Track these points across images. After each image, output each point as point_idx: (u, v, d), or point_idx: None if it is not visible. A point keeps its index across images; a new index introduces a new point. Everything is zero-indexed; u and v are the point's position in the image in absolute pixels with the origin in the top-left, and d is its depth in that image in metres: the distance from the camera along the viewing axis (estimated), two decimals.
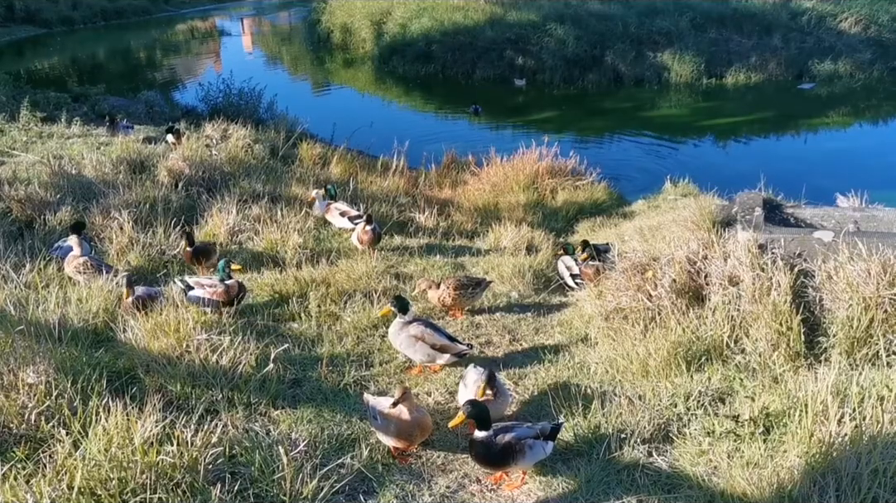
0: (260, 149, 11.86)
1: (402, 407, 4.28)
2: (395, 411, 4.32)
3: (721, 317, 5.43)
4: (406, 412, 4.28)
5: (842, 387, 4.31)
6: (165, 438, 4.04)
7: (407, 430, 4.30)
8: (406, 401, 4.29)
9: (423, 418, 4.38)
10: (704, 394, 4.79)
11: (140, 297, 5.88)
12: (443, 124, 19.59)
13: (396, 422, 4.30)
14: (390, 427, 4.31)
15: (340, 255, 7.67)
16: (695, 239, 6.31)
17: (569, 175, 12.08)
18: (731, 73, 21.36)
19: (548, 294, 7.21)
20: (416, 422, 4.31)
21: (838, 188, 8.48)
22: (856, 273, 5.30)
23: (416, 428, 4.32)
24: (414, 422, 4.30)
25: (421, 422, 4.34)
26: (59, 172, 9.35)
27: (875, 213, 6.96)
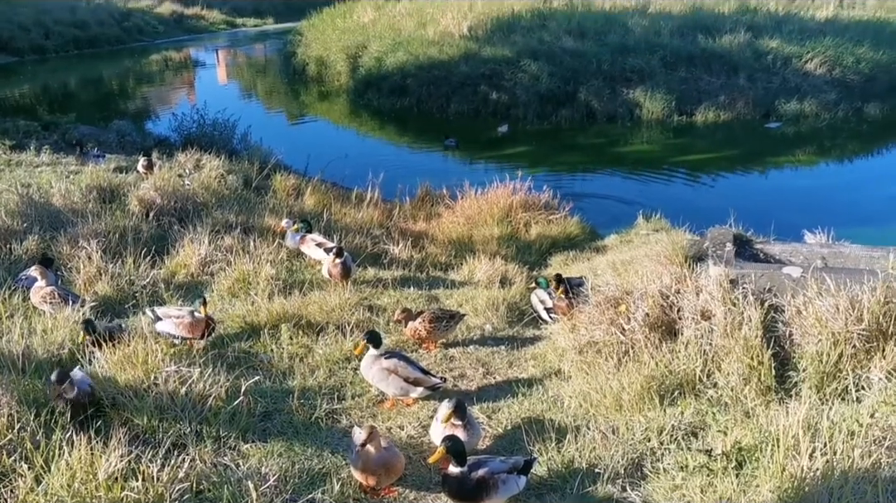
0: (233, 179, 11.79)
1: (370, 445, 4.22)
2: (365, 448, 4.25)
3: (694, 352, 5.46)
4: (373, 450, 4.22)
5: (812, 422, 4.33)
6: (130, 473, 3.95)
7: (372, 469, 4.24)
8: (373, 441, 4.22)
9: (391, 458, 4.30)
10: (677, 429, 4.80)
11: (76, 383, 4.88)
12: (417, 157, 19.63)
13: (364, 459, 4.24)
14: (358, 463, 4.25)
15: (313, 287, 7.61)
16: (667, 273, 6.35)
17: (542, 209, 12.13)
18: (700, 111, 21.69)
19: (521, 327, 7.21)
20: (382, 461, 4.24)
21: (805, 224, 8.60)
22: (824, 308, 5.36)
23: (382, 468, 4.25)
24: (379, 461, 4.23)
25: (387, 462, 4.27)
26: (26, 201, 9.20)
27: (842, 249, 7.06)
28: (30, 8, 36.96)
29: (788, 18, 27.14)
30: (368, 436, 4.19)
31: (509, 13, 27.26)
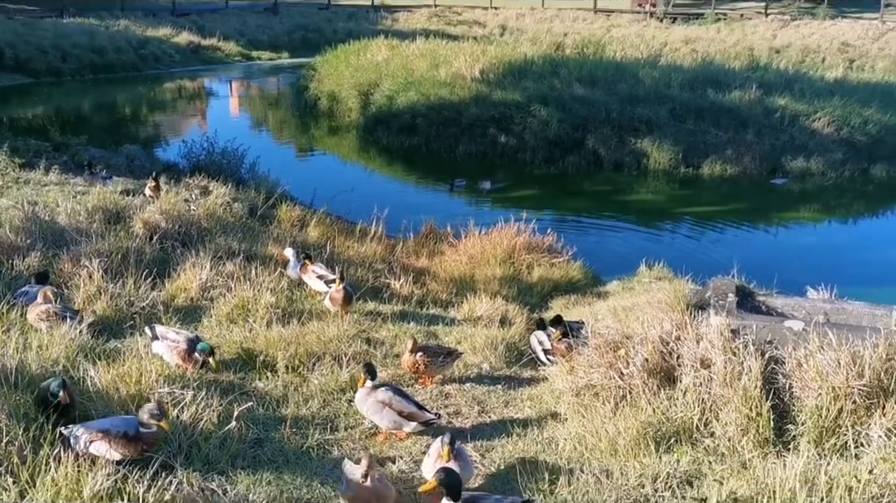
0: (239, 207, 11.85)
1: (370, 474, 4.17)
2: (357, 478, 4.20)
3: (692, 399, 5.41)
4: (370, 480, 4.17)
5: (810, 476, 4.27)
6: (116, 493, 3.90)
7: (365, 498, 4.18)
8: (372, 471, 4.18)
9: (384, 489, 4.26)
10: (673, 476, 4.73)
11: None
12: (423, 196, 19.73)
13: (356, 488, 4.18)
14: (349, 493, 4.20)
15: (312, 317, 7.58)
16: (668, 320, 6.32)
17: (545, 252, 12.15)
18: (707, 163, 21.79)
19: (519, 367, 7.16)
20: (376, 491, 4.20)
21: (808, 281, 8.59)
22: (826, 362, 5.32)
23: (375, 497, 4.20)
24: (374, 490, 4.18)
25: (380, 493, 4.22)
26: (31, 218, 9.23)
27: (844, 306, 7.04)
28: (49, 31, 37.46)
29: (798, 77, 27.40)
30: (369, 465, 4.15)
31: (522, 59, 27.56)
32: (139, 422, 4.39)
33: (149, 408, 4.41)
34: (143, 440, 4.38)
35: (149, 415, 4.37)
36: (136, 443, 4.35)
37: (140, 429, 4.38)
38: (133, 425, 4.39)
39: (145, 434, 4.38)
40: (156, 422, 4.38)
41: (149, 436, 4.40)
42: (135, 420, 4.42)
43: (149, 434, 4.39)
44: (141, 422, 4.38)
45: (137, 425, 4.38)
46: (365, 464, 4.18)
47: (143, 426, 4.38)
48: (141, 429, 4.38)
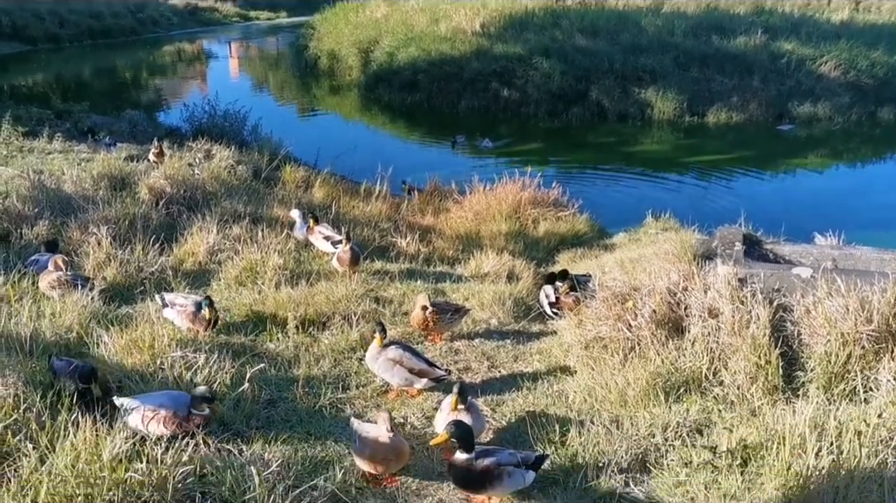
0: (243, 170, 11.83)
1: (383, 430, 4.22)
2: (373, 435, 4.26)
3: (700, 349, 5.44)
4: (385, 436, 4.22)
5: (819, 422, 4.31)
6: (135, 455, 3.97)
7: (384, 454, 4.24)
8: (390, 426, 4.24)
9: (400, 444, 4.32)
10: (682, 425, 4.78)
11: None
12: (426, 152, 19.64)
13: (373, 445, 4.23)
14: (366, 451, 4.25)
15: (320, 278, 7.61)
16: (675, 270, 6.32)
17: (551, 206, 12.12)
18: (712, 111, 21.63)
19: (528, 322, 7.19)
20: (394, 446, 4.25)
21: (816, 227, 8.56)
22: (834, 309, 5.33)
23: (393, 453, 4.26)
24: (392, 446, 4.24)
25: (398, 448, 4.28)
26: (38, 186, 9.25)
27: (852, 251, 7.02)
28: None
29: (804, 21, 27.02)
30: (389, 421, 4.21)
31: (522, 11, 27.22)
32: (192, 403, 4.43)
33: (201, 392, 4.46)
34: (193, 421, 4.42)
35: (201, 399, 4.43)
36: (186, 423, 4.39)
37: (192, 410, 4.42)
38: (185, 404, 4.42)
39: (196, 416, 4.43)
40: (208, 405, 4.45)
41: (199, 418, 4.44)
42: (187, 398, 4.47)
43: (200, 416, 4.44)
44: (194, 404, 4.43)
45: (189, 405, 4.43)
46: (385, 421, 4.23)
47: (196, 408, 4.42)
48: (193, 411, 4.42)
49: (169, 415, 4.34)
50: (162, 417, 4.33)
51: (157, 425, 4.32)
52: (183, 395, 4.51)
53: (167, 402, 4.41)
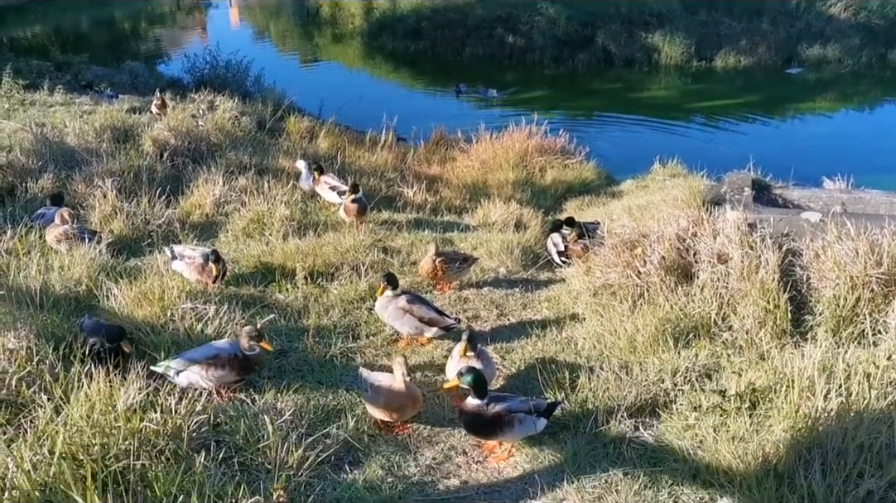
0: (247, 121, 11.74)
1: (398, 379, 4.25)
2: (387, 383, 4.29)
3: (709, 295, 5.43)
4: (400, 382, 4.26)
5: (828, 364, 4.32)
6: (149, 405, 4.00)
7: (399, 402, 4.28)
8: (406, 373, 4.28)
9: (415, 390, 4.36)
10: (691, 370, 4.79)
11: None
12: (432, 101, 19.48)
13: (388, 393, 4.27)
14: (380, 399, 4.28)
15: (328, 228, 7.60)
16: (684, 216, 6.30)
17: (558, 154, 12.05)
18: (720, 56, 21.33)
19: (536, 270, 7.19)
20: (410, 393, 4.29)
21: (825, 171, 8.50)
22: (843, 252, 5.31)
23: (409, 400, 4.30)
24: (408, 392, 4.28)
25: (413, 394, 4.32)
26: (41, 140, 9.20)
27: (862, 195, 6.98)
28: None
29: None
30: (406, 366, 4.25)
31: None
32: (241, 346, 4.46)
33: (247, 331, 4.47)
34: (249, 363, 4.46)
35: (248, 338, 4.45)
36: (242, 367, 4.45)
37: (244, 352, 4.45)
38: (235, 350, 4.45)
39: (250, 356, 4.46)
40: (256, 342, 4.46)
41: (253, 357, 4.48)
42: (236, 345, 4.48)
43: (253, 356, 4.47)
44: (242, 346, 4.45)
45: (239, 350, 4.45)
46: (400, 366, 4.27)
47: (246, 350, 4.45)
48: (245, 353, 4.45)
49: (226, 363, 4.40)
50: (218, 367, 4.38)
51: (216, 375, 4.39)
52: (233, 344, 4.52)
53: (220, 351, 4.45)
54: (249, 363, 4.48)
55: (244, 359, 4.45)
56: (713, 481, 3.89)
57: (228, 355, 4.42)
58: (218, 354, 4.42)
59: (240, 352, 4.45)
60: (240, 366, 4.44)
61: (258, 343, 4.47)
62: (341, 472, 4.04)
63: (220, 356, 4.41)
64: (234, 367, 4.42)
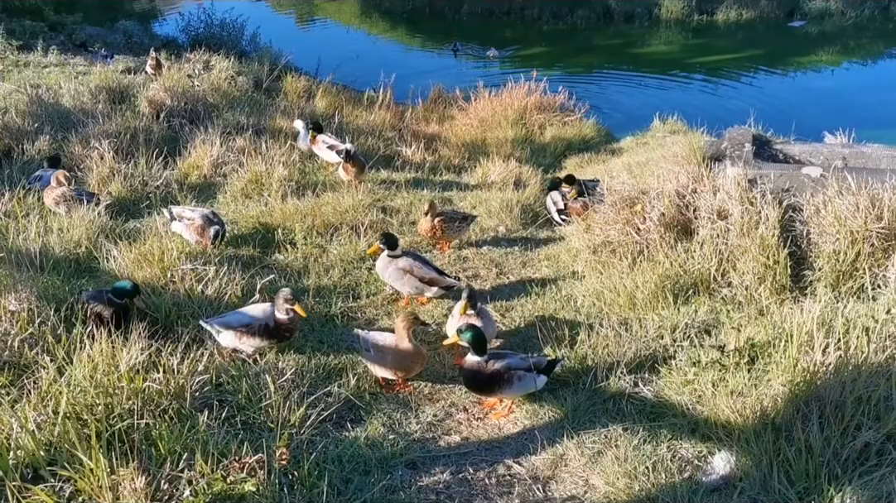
0: (243, 81, 11.63)
1: (404, 337, 4.29)
2: (392, 342, 4.31)
3: (709, 251, 5.43)
4: (406, 342, 4.28)
5: (827, 319, 4.33)
6: (151, 366, 4.02)
7: (408, 359, 4.32)
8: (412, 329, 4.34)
9: (421, 348, 4.39)
10: (691, 326, 4.81)
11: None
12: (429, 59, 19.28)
13: (394, 352, 4.29)
14: (387, 358, 4.30)
15: (326, 188, 7.58)
16: (684, 173, 6.27)
17: (557, 111, 11.97)
18: (722, 9, 21.08)
19: (535, 229, 7.18)
20: (417, 351, 4.33)
21: (827, 126, 8.46)
22: (844, 207, 5.29)
23: (418, 357, 4.34)
24: (416, 352, 4.31)
25: (420, 352, 4.37)
26: (36, 101, 9.13)
27: (863, 149, 6.94)
28: None
29: None
30: (412, 322, 4.30)
31: None
32: (276, 310, 4.45)
33: (283, 295, 4.45)
34: (280, 330, 4.47)
35: (284, 301, 4.43)
36: (274, 334, 4.46)
37: (276, 320, 4.45)
38: (267, 319, 4.45)
39: (283, 323, 4.46)
40: (290, 306, 4.45)
41: (286, 324, 4.47)
42: (271, 311, 4.48)
43: (286, 323, 4.46)
44: (278, 310, 4.44)
45: (272, 318, 4.45)
46: (407, 321, 4.31)
47: (281, 314, 4.44)
48: (278, 320, 4.45)
49: (262, 327, 4.42)
50: (255, 330, 4.42)
51: (249, 342, 4.44)
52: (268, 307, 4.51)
53: (257, 316, 4.46)
54: (281, 330, 4.48)
55: (276, 327, 4.45)
56: (711, 435, 3.93)
57: (260, 324, 4.43)
58: (250, 323, 4.44)
59: (272, 320, 4.44)
60: (271, 333, 4.45)
61: (292, 307, 4.45)
62: (343, 430, 4.07)
63: (252, 325, 4.43)
64: (266, 335, 4.44)
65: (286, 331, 4.51)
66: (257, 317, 4.46)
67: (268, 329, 4.44)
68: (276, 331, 4.46)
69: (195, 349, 4.36)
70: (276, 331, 4.46)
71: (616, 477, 3.71)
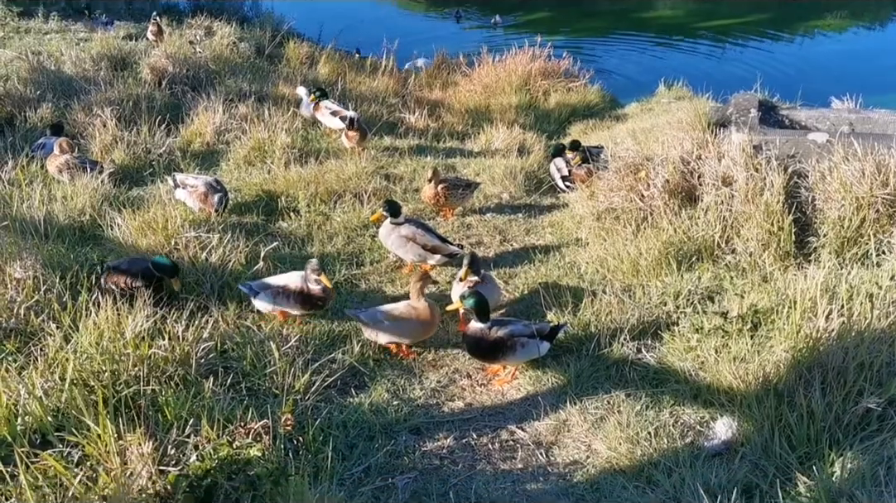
0: (245, 47, 11.53)
1: (418, 295, 4.38)
2: (408, 312, 4.36)
3: (713, 218, 5.42)
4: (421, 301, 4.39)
5: (831, 285, 4.33)
6: (157, 333, 4.05)
7: (427, 325, 4.42)
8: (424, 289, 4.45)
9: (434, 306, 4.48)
10: (694, 293, 4.82)
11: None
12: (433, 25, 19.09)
13: (415, 322, 4.37)
14: (408, 327, 4.37)
15: (330, 156, 7.55)
16: (689, 139, 6.23)
17: (561, 77, 11.85)
18: None
19: (539, 195, 7.16)
20: (434, 314, 4.43)
21: (833, 91, 8.37)
22: (850, 173, 5.26)
23: (434, 314, 4.43)
24: (433, 314, 4.41)
25: (436, 313, 4.45)
26: (37, 68, 9.08)
27: (870, 114, 6.88)
28: None
29: None
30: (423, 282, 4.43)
31: None
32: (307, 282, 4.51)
33: (311, 266, 4.50)
34: (312, 298, 4.51)
35: (312, 272, 4.48)
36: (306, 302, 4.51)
37: (308, 288, 4.50)
38: (301, 286, 4.50)
39: (314, 293, 4.50)
40: (317, 276, 4.46)
41: (318, 293, 4.50)
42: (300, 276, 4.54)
43: (317, 293, 4.50)
44: (308, 281, 4.49)
45: (305, 285, 4.50)
46: (421, 282, 4.39)
47: (312, 285, 4.50)
48: (310, 289, 4.50)
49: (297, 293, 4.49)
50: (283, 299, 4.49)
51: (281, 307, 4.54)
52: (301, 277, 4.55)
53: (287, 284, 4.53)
54: (313, 299, 4.51)
55: (308, 294, 4.49)
56: (714, 401, 3.96)
57: (292, 290, 4.48)
58: (284, 286, 4.50)
59: (305, 287, 4.48)
60: (303, 301, 4.48)
61: (318, 277, 4.47)
62: (347, 396, 4.11)
63: (281, 291, 4.49)
64: (298, 302, 4.48)
65: (317, 299, 4.54)
66: (290, 282, 4.53)
67: (300, 295, 4.49)
68: (307, 298, 4.50)
69: (200, 316, 4.38)
70: (308, 298, 4.50)
71: (618, 442, 3.74)
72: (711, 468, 3.50)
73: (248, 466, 3.12)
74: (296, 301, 4.49)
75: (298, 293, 4.48)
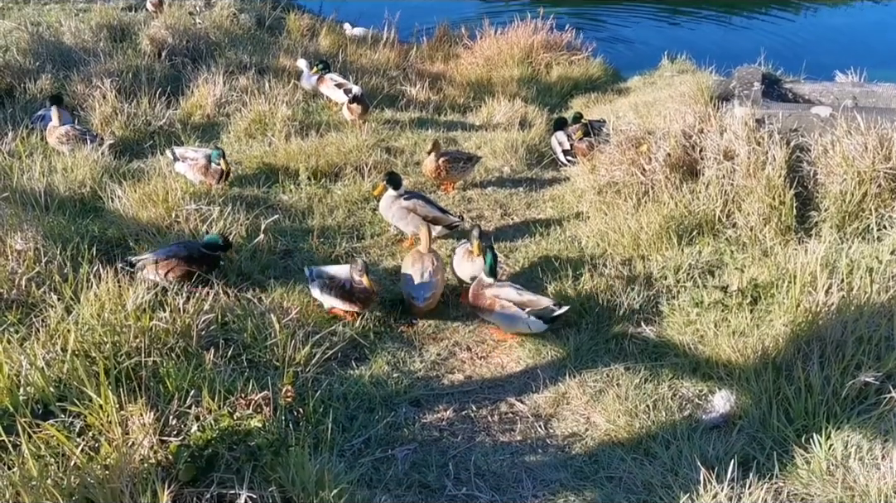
0: (246, 18, 11.43)
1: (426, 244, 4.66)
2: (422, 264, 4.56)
3: (714, 192, 5.40)
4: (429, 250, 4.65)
5: (831, 260, 4.33)
6: (158, 305, 4.06)
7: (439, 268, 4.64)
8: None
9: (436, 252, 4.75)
10: (694, 267, 4.83)
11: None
12: None
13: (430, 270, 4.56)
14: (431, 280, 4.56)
15: (330, 129, 7.52)
16: (691, 113, 6.20)
17: (564, 50, 11.75)
18: None
19: (540, 169, 7.14)
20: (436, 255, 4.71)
21: (838, 65, 8.29)
22: (852, 147, 5.25)
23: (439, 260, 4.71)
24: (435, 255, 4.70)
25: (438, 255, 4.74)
26: (37, 39, 9.01)
27: (874, 88, 6.85)
28: None
29: None
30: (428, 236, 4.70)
31: None
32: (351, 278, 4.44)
33: (354, 267, 4.42)
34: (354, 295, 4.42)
35: (355, 272, 4.40)
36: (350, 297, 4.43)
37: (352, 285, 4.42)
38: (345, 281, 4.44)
39: (358, 290, 4.41)
40: (360, 276, 4.37)
41: (361, 290, 4.42)
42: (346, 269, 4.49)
43: (361, 290, 4.41)
44: (353, 279, 4.42)
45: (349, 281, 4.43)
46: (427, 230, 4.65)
47: (356, 283, 4.41)
48: (354, 286, 4.42)
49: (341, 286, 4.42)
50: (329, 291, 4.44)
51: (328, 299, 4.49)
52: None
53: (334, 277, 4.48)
54: (353, 296, 4.43)
55: (349, 290, 4.42)
56: (712, 374, 3.98)
57: (338, 284, 4.43)
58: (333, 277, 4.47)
59: (349, 283, 4.43)
60: (343, 295, 4.42)
61: (361, 278, 4.40)
62: (348, 368, 4.13)
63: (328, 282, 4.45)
64: (339, 296, 4.42)
65: (360, 296, 4.45)
66: (338, 275, 4.49)
67: (343, 289, 4.42)
68: (350, 293, 4.42)
69: (200, 289, 4.39)
70: (351, 294, 4.42)
71: (617, 415, 3.77)
72: (709, 440, 3.53)
73: (249, 437, 3.14)
74: (337, 294, 4.42)
75: (340, 287, 4.41)
